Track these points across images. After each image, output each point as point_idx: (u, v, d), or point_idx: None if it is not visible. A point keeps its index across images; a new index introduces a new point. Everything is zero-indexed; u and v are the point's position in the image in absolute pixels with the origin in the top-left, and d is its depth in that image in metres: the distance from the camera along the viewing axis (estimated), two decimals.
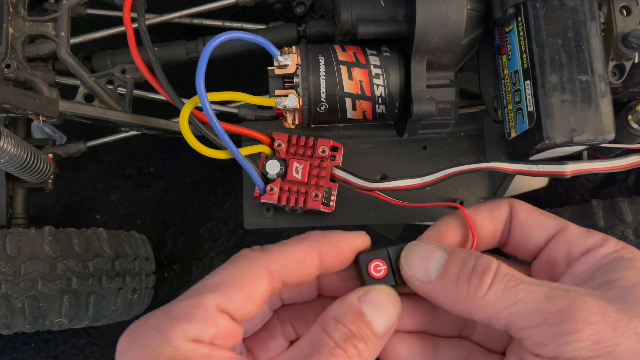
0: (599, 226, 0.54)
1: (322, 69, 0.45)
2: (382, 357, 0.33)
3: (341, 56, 0.46)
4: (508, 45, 0.46)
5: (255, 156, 0.47)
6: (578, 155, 0.51)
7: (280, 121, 0.49)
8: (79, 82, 0.52)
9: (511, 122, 0.47)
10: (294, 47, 0.46)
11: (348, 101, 0.46)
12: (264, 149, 0.46)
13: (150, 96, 0.55)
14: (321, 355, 0.28)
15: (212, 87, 0.41)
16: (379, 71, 0.45)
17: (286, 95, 0.45)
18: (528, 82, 0.44)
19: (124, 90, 0.52)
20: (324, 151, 0.46)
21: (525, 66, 0.44)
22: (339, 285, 0.35)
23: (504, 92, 0.48)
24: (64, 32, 0.51)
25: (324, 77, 0.45)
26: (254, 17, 0.79)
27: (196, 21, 0.58)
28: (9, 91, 0.45)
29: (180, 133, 0.44)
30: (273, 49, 0.44)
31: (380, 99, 0.46)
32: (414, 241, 0.34)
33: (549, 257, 0.34)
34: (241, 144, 0.50)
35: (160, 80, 0.48)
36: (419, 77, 0.45)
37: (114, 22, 0.56)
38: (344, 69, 0.45)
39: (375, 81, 0.45)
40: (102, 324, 0.61)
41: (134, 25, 0.49)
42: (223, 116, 0.48)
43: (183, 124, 0.43)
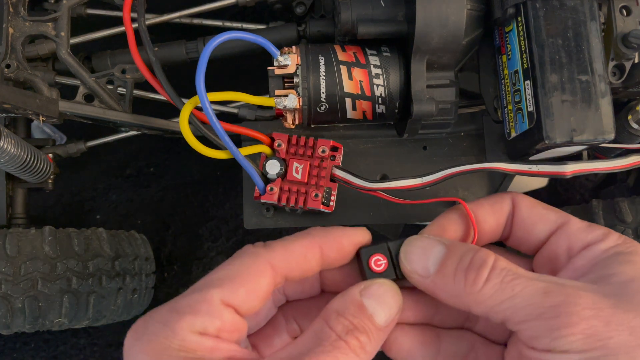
0: None
1: (322, 69, 0.45)
2: (386, 349, 0.34)
3: (341, 56, 0.46)
4: (508, 45, 0.46)
5: (255, 156, 0.47)
6: (578, 155, 0.51)
7: (280, 121, 0.49)
8: (79, 82, 0.52)
9: (511, 122, 0.47)
10: (294, 47, 0.46)
11: (348, 101, 0.46)
12: (264, 149, 0.46)
13: (150, 96, 0.55)
14: (324, 348, 0.28)
15: (212, 87, 0.41)
16: (379, 71, 0.45)
17: (286, 95, 0.45)
18: (528, 82, 0.44)
19: (124, 90, 0.52)
20: (324, 151, 0.46)
21: (525, 66, 0.44)
22: (342, 280, 0.35)
23: (504, 92, 0.48)
24: (64, 32, 0.51)
25: (324, 77, 0.45)
26: (254, 17, 0.79)
27: (196, 21, 0.58)
28: (9, 91, 0.45)
29: (180, 133, 0.44)
30: (273, 49, 0.44)
31: (380, 99, 0.46)
32: (413, 235, 0.34)
33: (550, 251, 0.34)
34: (241, 144, 0.50)
35: (160, 80, 0.48)
36: (419, 77, 0.45)
37: (114, 22, 0.56)
38: (344, 69, 0.45)
39: (375, 81, 0.45)
40: (102, 324, 0.61)
41: (134, 25, 0.49)
42: (223, 116, 0.48)
43: (183, 124, 0.43)
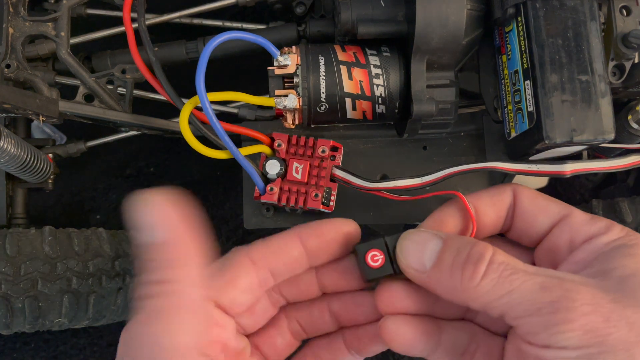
0: None
1: (322, 69, 0.45)
2: (388, 340, 0.33)
3: (341, 56, 0.46)
4: (508, 45, 0.46)
5: (255, 156, 0.47)
6: (578, 155, 0.51)
7: (280, 121, 0.49)
8: (79, 82, 0.52)
9: (511, 122, 0.47)
10: (294, 47, 0.46)
11: (348, 101, 0.46)
12: (264, 149, 0.46)
13: (150, 96, 0.55)
14: None
15: (212, 87, 0.41)
16: (379, 71, 0.45)
17: (286, 95, 0.45)
18: (528, 82, 0.44)
19: (124, 90, 0.52)
20: (324, 151, 0.46)
21: (525, 66, 0.44)
22: (339, 278, 0.35)
23: (504, 92, 0.48)
24: (64, 32, 0.51)
25: (324, 77, 0.45)
26: (254, 17, 0.79)
27: (196, 21, 0.58)
28: (9, 91, 0.45)
29: (180, 133, 0.44)
30: (273, 49, 0.44)
31: (380, 99, 0.46)
32: (410, 229, 0.33)
33: (551, 243, 0.33)
34: (241, 144, 0.50)
35: (160, 80, 0.48)
36: (419, 77, 0.45)
37: (114, 22, 0.56)
38: (344, 69, 0.45)
39: (375, 81, 0.45)
40: (102, 324, 0.61)
41: (134, 25, 0.49)
42: (223, 116, 0.48)
43: (183, 124, 0.43)
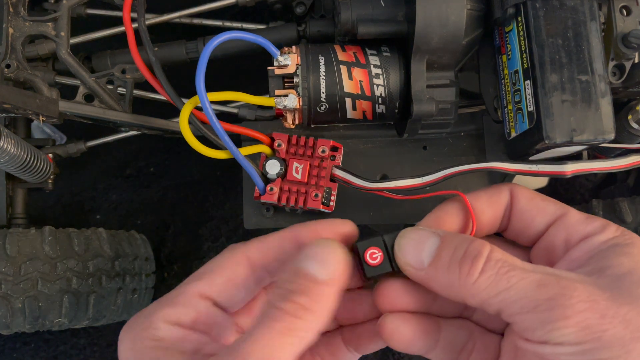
0: None
1: (322, 69, 0.45)
2: (387, 338, 0.33)
3: (341, 56, 0.46)
4: (508, 45, 0.46)
5: (255, 156, 0.47)
6: (578, 155, 0.51)
7: (280, 121, 0.49)
8: (79, 82, 0.52)
9: (511, 122, 0.47)
10: (294, 47, 0.46)
11: (348, 101, 0.46)
12: (264, 149, 0.46)
13: (150, 96, 0.55)
14: (261, 325, 0.27)
15: (212, 87, 0.41)
16: (379, 71, 0.45)
17: (286, 95, 0.45)
18: (528, 82, 0.44)
19: (124, 90, 0.52)
20: (324, 151, 0.46)
21: (525, 66, 0.44)
22: None
23: (504, 92, 0.48)
24: (64, 32, 0.51)
25: (324, 77, 0.45)
26: (254, 17, 0.79)
27: (196, 21, 0.58)
28: (9, 91, 0.45)
29: (180, 133, 0.44)
30: (273, 49, 0.44)
31: (380, 99, 0.46)
32: (408, 227, 0.34)
33: (548, 242, 0.34)
34: (241, 144, 0.50)
35: (160, 80, 0.48)
36: (419, 77, 0.45)
37: (114, 22, 0.56)
38: (344, 69, 0.45)
39: (375, 81, 0.45)
40: (102, 324, 0.61)
41: (134, 25, 0.49)
42: (223, 116, 0.48)
43: (183, 124, 0.43)
